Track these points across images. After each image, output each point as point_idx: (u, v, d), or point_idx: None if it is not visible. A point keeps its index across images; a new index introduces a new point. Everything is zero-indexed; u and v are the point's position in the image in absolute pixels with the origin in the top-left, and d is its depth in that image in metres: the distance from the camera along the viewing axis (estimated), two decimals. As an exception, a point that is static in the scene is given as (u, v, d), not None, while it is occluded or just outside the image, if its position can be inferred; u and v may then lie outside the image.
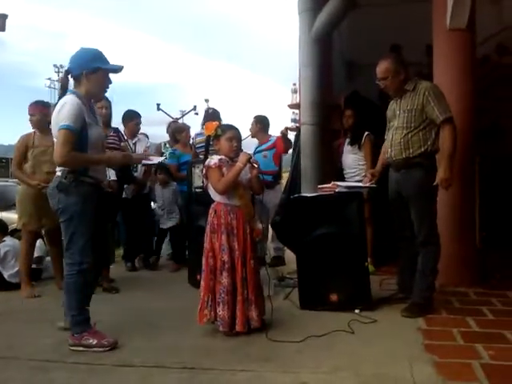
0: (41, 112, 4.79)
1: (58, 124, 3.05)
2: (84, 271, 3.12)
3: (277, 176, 5.93)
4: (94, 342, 3.09)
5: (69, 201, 3.08)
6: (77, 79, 3.18)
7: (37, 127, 4.78)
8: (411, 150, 3.68)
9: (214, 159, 3.40)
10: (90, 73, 3.13)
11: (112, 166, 3.64)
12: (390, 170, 3.92)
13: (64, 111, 3.04)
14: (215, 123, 3.53)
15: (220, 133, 3.44)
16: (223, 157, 3.41)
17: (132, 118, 5.78)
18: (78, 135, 3.05)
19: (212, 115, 5.86)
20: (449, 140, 3.61)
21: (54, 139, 3.12)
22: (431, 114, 3.63)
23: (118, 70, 3.28)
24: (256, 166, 3.48)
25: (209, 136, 3.54)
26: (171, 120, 6.84)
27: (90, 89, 3.18)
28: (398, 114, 3.79)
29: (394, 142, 3.78)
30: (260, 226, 3.51)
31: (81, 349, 3.08)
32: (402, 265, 4.04)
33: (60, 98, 3.18)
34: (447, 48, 4.47)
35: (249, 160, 3.34)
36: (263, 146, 5.86)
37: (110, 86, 3.29)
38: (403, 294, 3.93)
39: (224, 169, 3.37)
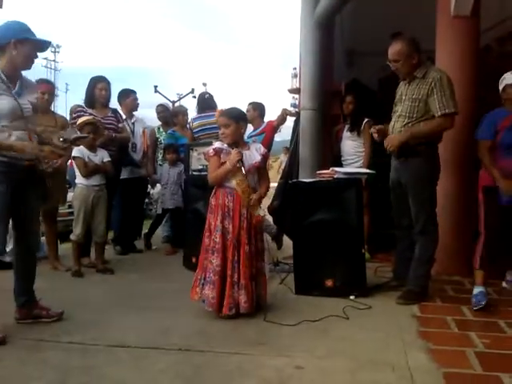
0: (50, 90, 4.75)
1: None
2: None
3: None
4: (43, 312, 3.11)
5: None
6: (1, 49, 3.01)
7: (45, 106, 4.73)
8: (409, 141, 3.62)
9: (212, 146, 3.44)
10: (19, 42, 2.98)
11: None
12: (392, 157, 3.89)
13: None
14: (220, 110, 3.58)
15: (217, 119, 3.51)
16: (224, 145, 3.42)
17: (128, 94, 5.76)
18: None
19: (209, 100, 5.81)
20: (433, 126, 3.56)
21: None
22: (431, 106, 3.56)
23: (46, 44, 3.16)
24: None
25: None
26: (158, 104, 6.71)
27: (15, 59, 3.00)
28: (403, 99, 3.73)
29: (394, 130, 3.74)
30: (261, 212, 3.48)
31: (29, 321, 3.11)
32: (398, 253, 4.04)
33: None
34: (450, 35, 4.43)
35: (239, 161, 3.33)
36: (254, 132, 5.82)
37: (34, 60, 3.12)
38: (397, 282, 3.94)
39: (222, 156, 3.38)
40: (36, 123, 3.36)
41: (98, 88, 5.09)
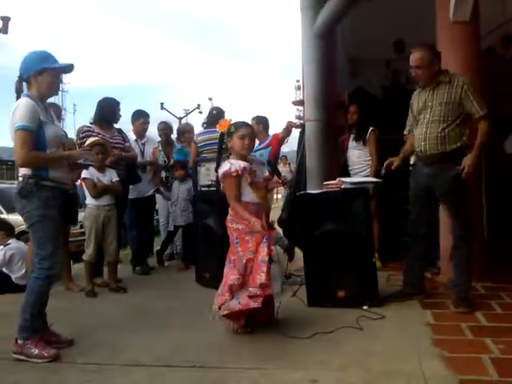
0: (57, 114, 4.82)
1: (13, 126, 3.04)
2: (51, 277, 3.13)
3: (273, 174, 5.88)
4: (36, 351, 3.00)
5: (31, 206, 3.06)
6: (27, 82, 3.19)
7: None
8: (447, 145, 3.62)
9: (233, 165, 3.28)
10: (38, 74, 3.14)
11: (72, 161, 3.58)
12: (418, 164, 3.85)
13: (18, 112, 3.04)
14: (229, 120, 3.50)
15: (233, 130, 3.39)
16: (246, 164, 3.31)
17: (139, 117, 5.81)
18: (34, 134, 3.05)
19: (216, 116, 5.83)
20: (486, 134, 3.58)
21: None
22: (470, 109, 3.59)
23: (67, 68, 3.29)
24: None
25: (222, 133, 3.51)
26: (161, 121, 6.73)
27: (41, 89, 3.17)
28: (429, 105, 3.72)
29: (429, 136, 3.68)
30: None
31: (22, 357, 3.01)
32: (409, 261, 4.00)
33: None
34: (451, 41, 4.44)
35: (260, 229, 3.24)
36: (260, 146, 5.84)
37: (60, 84, 3.32)
38: (410, 289, 3.92)
39: (246, 176, 3.30)
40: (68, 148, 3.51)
41: (118, 109, 5.21)
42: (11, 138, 3.11)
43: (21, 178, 3.12)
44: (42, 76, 3.15)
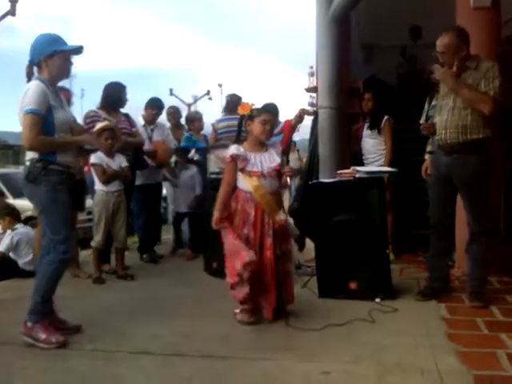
0: (68, 98, 4.78)
1: (22, 109, 3.01)
2: (66, 261, 3.12)
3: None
4: (43, 336, 2.98)
5: (40, 190, 3.05)
6: (38, 66, 3.15)
7: None
8: (469, 135, 3.45)
9: (229, 151, 3.34)
10: (48, 57, 3.10)
11: (81, 146, 3.61)
12: (437, 152, 3.71)
13: (27, 96, 3.01)
14: (251, 103, 3.46)
15: (255, 113, 3.38)
16: (241, 150, 3.32)
17: (152, 107, 5.74)
18: (43, 119, 3.01)
19: (236, 103, 5.74)
20: (473, 94, 3.41)
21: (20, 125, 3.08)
22: (483, 87, 3.39)
23: (76, 50, 3.24)
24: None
25: (242, 115, 3.46)
26: (170, 105, 6.66)
27: (51, 73, 3.13)
28: (453, 92, 3.55)
29: (450, 124, 3.52)
30: (282, 217, 3.42)
31: (30, 340, 3.00)
32: (434, 256, 3.84)
33: None
34: (470, 28, 4.28)
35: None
36: None
37: (71, 67, 3.25)
38: (438, 285, 3.79)
39: (238, 162, 3.30)
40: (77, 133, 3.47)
41: (124, 93, 5.15)
42: (19, 122, 3.07)
43: (28, 163, 3.09)
44: (53, 59, 3.11)
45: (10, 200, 7.94)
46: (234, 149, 3.35)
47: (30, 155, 3.08)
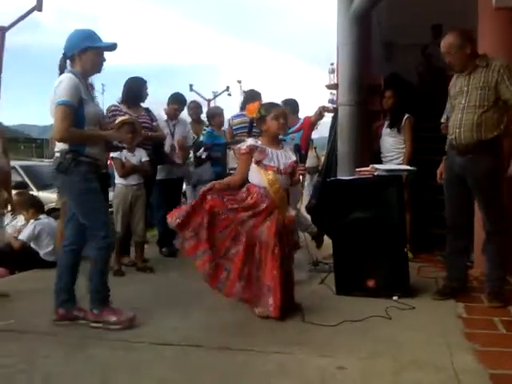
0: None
1: (54, 101, 3.07)
2: (108, 246, 3.22)
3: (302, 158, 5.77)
4: (113, 318, 3.13)
5: (71, 181, 3.13)
6: (71, 60, 3.23)
7: None
8: (483, 133, 3.44)
9: (246, 143, 3.34)
10: (82, 52, 3.18)
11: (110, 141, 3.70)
12: (450, 152, 3.70)
13: (60, 88, 3.08)
14: (257, 103, 3.46)
15: (264, 113, 3.37)
16: (258, 142, 3.33)
17: (174, 102, 5.79)
18: (75, 111, 3.08)
19: (251, 99, 5.75)
20: None
21: (52, 118, 3.14)
22: (504, 93, 3.41)
23: (110, 47, 3.32)
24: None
25: (252, 119, 3.46)
26: (191, 100, 6.69)
27: (84, 67, 3.22)
28: (465, 90, 3.55)
29: (464, 123, 3.51)
30: (293, 212, 3.44)
31: (100, 325, 3.12)
32: (450, 257, 3.82)
33: None
34: (493, 28, 4.28)
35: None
36: (292, 129, 5.75)
37: (103, 63, 3.32)
38: (457, 285, 3.77)
39: (256, 154, 3.30)
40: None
41: (145, 88, 5.21)
42: (51, 113, 3.14)
43: (58, 154, 3.16)
44: (86, 54, 3.20)
45: (34, 192, 8.08)
46: (251, 140, 3.36)
47: (60, 146, 3.15)
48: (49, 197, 7.02)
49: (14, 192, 4.86)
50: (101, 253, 3.17)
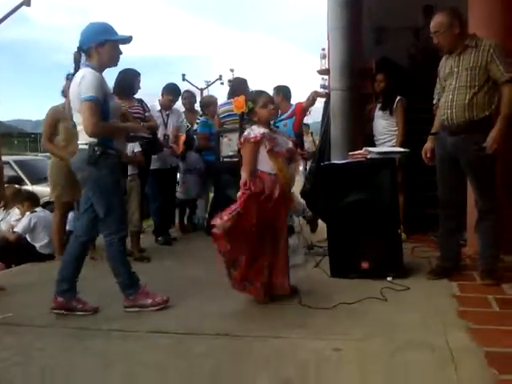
0: None
1: (79, 96, 3.08)
2: (123, 238, 3.29)
3: (297, 145, 5.79)
4: (149, 301, 3.24)
5: (100, 173, 3.16)
6: (88, 53, 3.22)
7: None
8: (475, 113, 3.46)
9: (253, 131, 3.27)
10: (99, 46, 3.17)
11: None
12: (442, 133, 3.70)
13: (85, 83, 3.07)
14: (241, 98, 3.42)
15: (252, 104, 3.34)
16: (266, 130, 3.28)
17: (169, 93, 5.77)
18: (101, 105, 3.10)
19: (237, 86, 5.73)
20: (509, 101, 3.41)
21: (74, 113, 3.20)
22: (495, 73, 3.41)
23: (126, 40, 3.32)
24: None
25: (242, 113, 3.43)
26: (185, 90, 6.69)
27: (101, 60, 3.21)
28: (455, 71, 3.55)
29: (456, 103, 3.52)
30: (300, 200, 3.46)
31: (136, 309, 3.22)
32: (443, 235, 3.84)
33: (75, 72, 3.23)
34: (484, 5, 4.25)
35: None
36: (284, 116, 5.74)
37: (120, 56, 3.32)
38: (448, 264, 3.80)
39: (266, 143, 3.26)
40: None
41: (138, 80, 5.19)
42: (75, 108, 3.18)
43: (84, 146, 3.17)
44: (103, 48, 3.19)
45: (28, 186, 8.09)
46: (256, 130, 3.27)
47: (87, 140, 3.16)
48: (42, 190, 7.01)
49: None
50: (113, 248, 3.24)
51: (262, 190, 3.23)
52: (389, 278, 3.67)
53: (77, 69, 3.24)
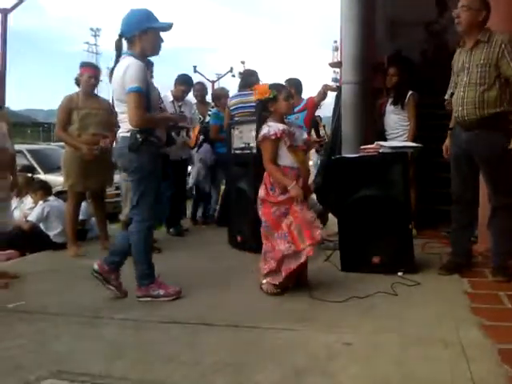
0: (96, 75, 4.84)
1: (123, 86, 3.08)
2: (152, 227, 3.34)
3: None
4: (162, 292, 3.26)
5: (141, 160, 3.18)
6: (130, 41, 3.20)
7: (91, 89, 4.84)
8: (486, 110, 3.42)
9: (272, 127, 3.27)
10: (143, 33, 3.15)
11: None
12: (457, 128, 3.68)
13: (130, 73, 3.07)
14: (266, 84, 3.45)
15: (276, 93, 3.34)
16: (284, 126, 3.30)
17: (181, 83, 5.77)
18: (145, 96, 3.11)
19: (249, 79, 5.72)
20: None
21: (116, 101, 3.21)
22: (506, 70, 3.36)
23: (168, 27, 3.29)
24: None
25: (262, 100, 3.43)
26: (197, 81, 6.70)
27: (145, 48, 3.20)
28: (467, 67, 3.51)
29: (466, 100, 3.49)
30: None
31: (148, 299, 3.25)
32: (457, 230, 3.82)
33: (117, 60, 3.22)
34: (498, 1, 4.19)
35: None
36: (295, 109, 5.72)
37: (162, 44, 3.31)
38: (461, 260, 3.79)
39: (286, 139, 3.28)
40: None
41: (150, 71, 5.20)
42: (118, 98, 3.19)
43: (126, 134, 3.18)
44: (147, 35, 3.17)
45: (41, 175, 8.15)
46: (275, 127, 3.28)
47: (127, 128, 3.18)
48: (55, 180, 7.07)
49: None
50: (140, 235, 3.25)
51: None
52: (399, 273, 3.67)
53: (118, 56, 3.22)
